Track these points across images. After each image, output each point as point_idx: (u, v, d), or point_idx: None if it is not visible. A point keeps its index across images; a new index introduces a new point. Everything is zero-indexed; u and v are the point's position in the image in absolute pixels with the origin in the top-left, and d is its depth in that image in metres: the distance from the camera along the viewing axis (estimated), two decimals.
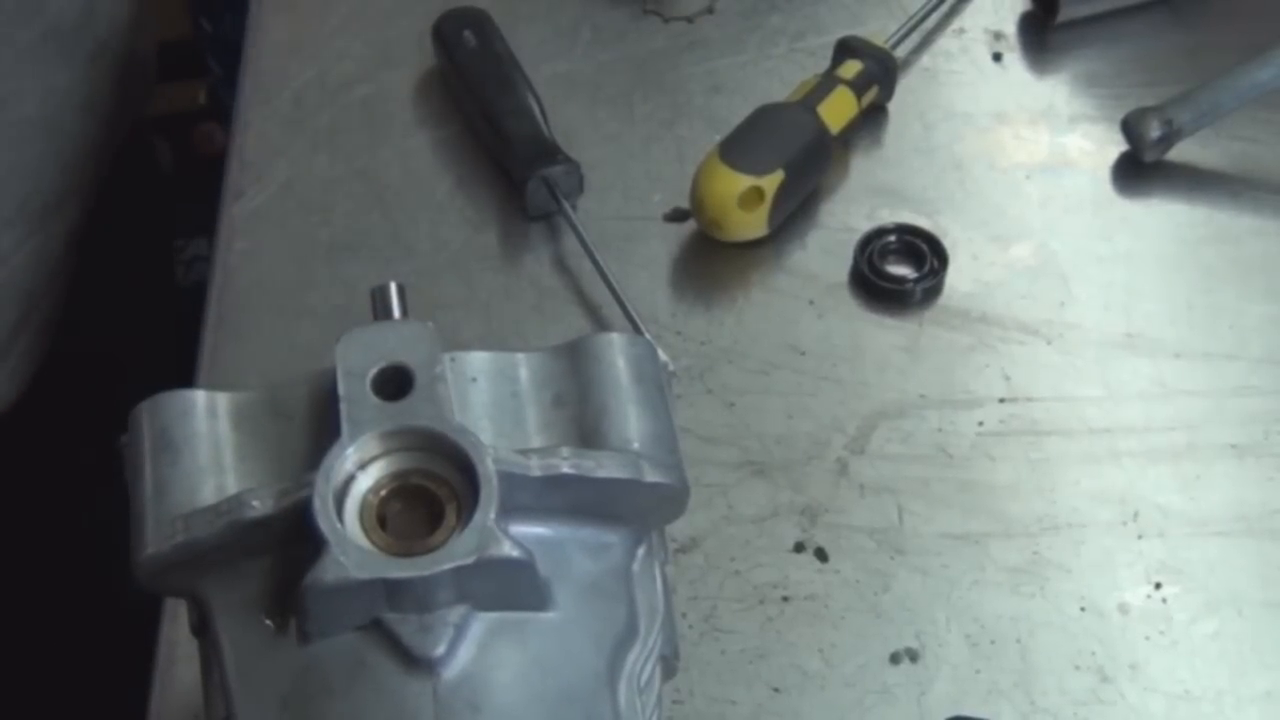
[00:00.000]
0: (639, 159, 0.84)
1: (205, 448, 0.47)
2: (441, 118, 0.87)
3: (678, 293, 0.78)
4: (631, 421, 0.47)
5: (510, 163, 0.81)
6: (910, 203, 0.81)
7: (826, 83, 0.82)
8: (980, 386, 0.73)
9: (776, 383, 0.74)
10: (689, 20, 0.91)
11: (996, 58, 0.89)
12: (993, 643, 0.65)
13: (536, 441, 0.47)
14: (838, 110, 0.81)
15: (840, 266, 0.78)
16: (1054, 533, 0.68)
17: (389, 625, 0.43)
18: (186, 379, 0.74)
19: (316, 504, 0.43)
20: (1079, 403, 0.73)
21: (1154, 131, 0.80)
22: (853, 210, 0.81)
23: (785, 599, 0.66)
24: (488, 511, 0.43)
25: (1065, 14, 0.88)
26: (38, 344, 0.97)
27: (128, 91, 1.03)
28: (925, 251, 0.78)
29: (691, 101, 0.87)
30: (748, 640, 0.65)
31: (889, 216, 0.80)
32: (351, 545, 0.43)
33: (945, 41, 0.90)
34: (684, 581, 0.66)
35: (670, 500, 0.49)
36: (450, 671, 0.43)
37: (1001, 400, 0.73)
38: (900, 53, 0.86)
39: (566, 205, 0.79)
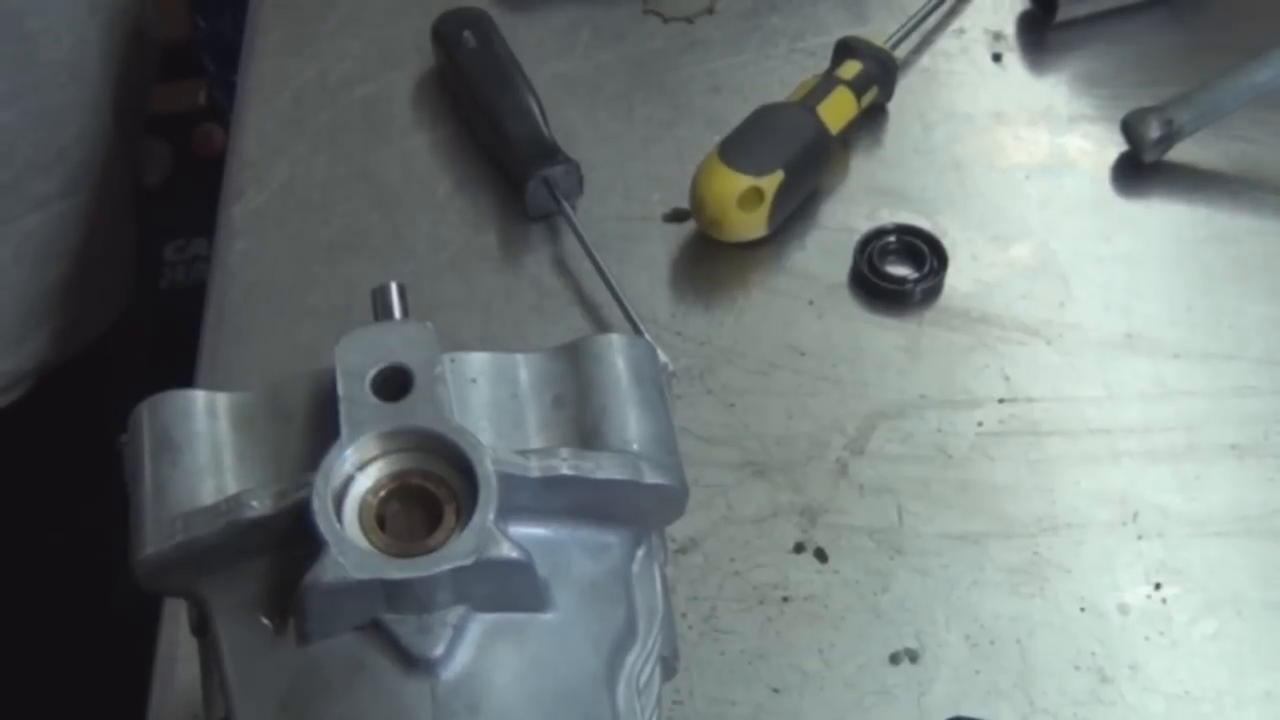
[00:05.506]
0: (639, 159, 0.84)
1: (205, 448, 0.47)
2: (441, 118, 0.87)
3: (677, 293, 0.78)
4: (631, 422, 0.47)
5: (510, 163, 0.81)
6: (910, 203, 0.81)
7: (826, 83, 0.82)
8: (980, 387, 0.73)
9: (776, 383, 0.74)
10: (689, 21, 0.91)
11: (996, 58, 0.89)
12: (992, 643, 0.65)
13: (536, 442, 0.47)
14: (837, 110, 0.81)
15: (840, 267, 0.78)
16: (1053, 533, 0.68)
17: (388, 626, 0.43)
18: (174, 379, 0.74)
19: (316, 504, 0.43)
20: (1079, 403, 0.73)
21: (1154, 132, 0.80)
22: (852, 211, 0.81)
23: (785, 599, 0.66)
24: (487, 512, 0.43)
25: (1064, 14, 0.89)
26: (80, 307, 0.96)
27: (140, 65, 1.02)
28: (925, 252, 0.78)
29: (691, 102, 0.87)
30: (747, 641, 0.65)
31: (889, 217, 0.80)
32: (350, 546, 0.43)
33: (945, 42, 0.90)
34: (683, 582, 0.66)
35: (670, 501, 0.49)
36: (449, 672, 0.43)
37: (1001, 400, 0.73)
38: (900, 53, 0.86)
39: (566, 205, 0.79)
